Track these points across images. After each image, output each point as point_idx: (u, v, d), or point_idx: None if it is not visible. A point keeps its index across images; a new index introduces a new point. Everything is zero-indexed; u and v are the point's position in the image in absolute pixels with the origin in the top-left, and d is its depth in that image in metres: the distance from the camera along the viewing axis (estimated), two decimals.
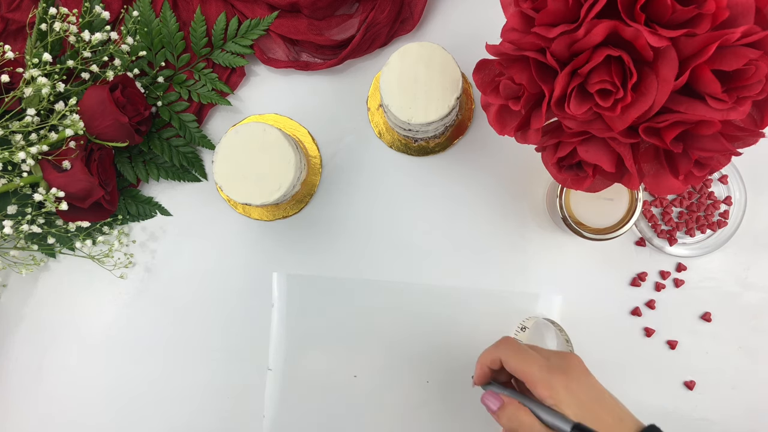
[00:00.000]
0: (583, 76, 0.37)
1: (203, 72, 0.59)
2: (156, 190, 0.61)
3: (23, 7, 0.58)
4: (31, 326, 0.61)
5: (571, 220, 0.53)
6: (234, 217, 0.61)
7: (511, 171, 0.60)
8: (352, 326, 0.59)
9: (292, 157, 0.50)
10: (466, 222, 0.60)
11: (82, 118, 0.53)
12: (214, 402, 0.60)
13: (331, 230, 0.60)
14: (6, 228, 0.51)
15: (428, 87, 0.49)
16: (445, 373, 0.59)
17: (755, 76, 0.35)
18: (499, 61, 0.41)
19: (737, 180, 0.58)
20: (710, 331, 0.59)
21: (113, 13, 0.58)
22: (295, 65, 0.59)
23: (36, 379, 0.61)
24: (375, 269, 0.60)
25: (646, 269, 0.59)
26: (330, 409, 0.59)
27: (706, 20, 0.34)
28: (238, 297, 0.60)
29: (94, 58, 0.56)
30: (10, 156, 0.51)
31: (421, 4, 0.58)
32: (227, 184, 0.50)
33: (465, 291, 0.59)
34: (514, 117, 0.42)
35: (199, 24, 0.58)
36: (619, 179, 0.42)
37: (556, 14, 0.36)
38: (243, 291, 0.60)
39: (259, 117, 0.61)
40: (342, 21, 0.58)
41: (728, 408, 0.58)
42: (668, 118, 0.36)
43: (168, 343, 0.61)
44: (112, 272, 0.60)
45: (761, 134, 0.38)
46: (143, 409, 0.61)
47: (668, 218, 0.59)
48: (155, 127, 0.60)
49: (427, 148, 0.59)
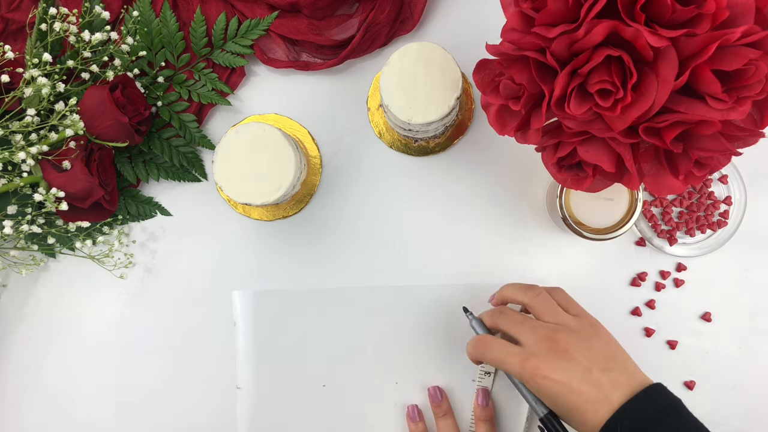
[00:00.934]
0: (583, 76, 0.37)
1: (203, 72, 0.59)
2: (156, 190, 0.61)
3: (23, 7, 0.58)
4: (31, 326, 0.61)
5: (571, 220, 0.53)
6: (234, 217, 0.61)
7: (511, 171, 0.60)
8: (318, 335, 0.59)
9: (292, 157, 0.51)
10: (466, 222, 0.60)
11: (82, 118, 0.53)
12: (215, 401, 0.60)
13: (331, 230, 0.60)
14: (6, 228, 0.51)
15: (428, 87, 0.49)
16: (413, 372, 0.59)
17: (755, 76, 0.35)
18: (499, 61, 0.41)
19: (737, 180, 0.58)
20: (710, 331, 0.59)
21: (113, 13, 0.58)
22: (295, 65, 0.59)
23: (36, 379, 0.61)
24: (375, 269, 0.60)
25: (646, 269, 0.59)
26: (304, 420, 0.59)
27: (706, 20, 0.34)
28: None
29: (94, 58, 0.56)
30: (10, 156, 0.51)
31: (421, 4, 0.58)
32: (227, 184, 0.50)
33: (464, 290, 0.59)
34: (514, 117, 0.42)
35: (199, 24, 0.58)
36: (619, 179, 0.42)
37: (556, 14, 0.36)
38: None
39: (259, 117, 0.61)
40: (342, 21, 0.58)
41: (728, 408, 0.58)
42: (668, 118, 0.36)
43: (168, 343, 0.61)
44: (112, 272, 0.60)
45: (761, 134, 0.38)
46: (143, 409, 0.61)
47: (668, 218, 0.59)
48: (155, 127, 0.60)
49: (427, 148, 0.59)
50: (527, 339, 0.47)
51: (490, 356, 0.48)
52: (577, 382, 0.44)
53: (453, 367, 0.59)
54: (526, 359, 0.45)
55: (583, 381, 0.44)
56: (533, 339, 0.46)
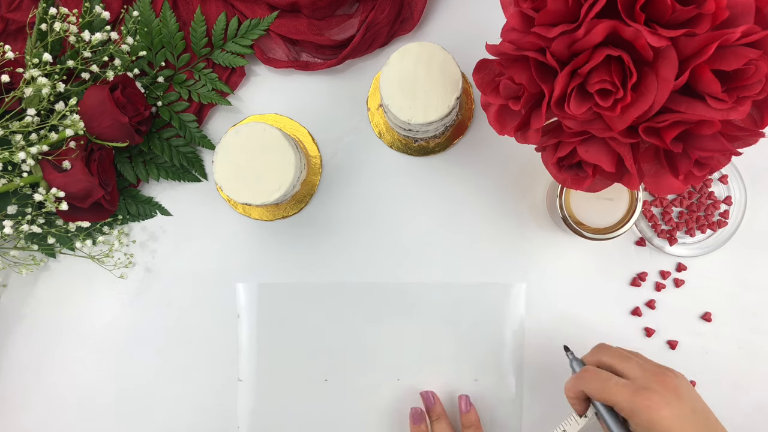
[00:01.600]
0: (583, 76, 0.37)
1: (203, 72, 0.59)
2: (156, 190, 0.61)
3: (23, 7, 0.58)
4: (31, 326, 0.61)
5: (571, 220, 0.53)
6: (234, 217, 0.61)
7: (511, 171, 0.60)
8: (320, 330, 0.60)
9: (292, 157, 0.50)
10: (466, 222, 0.60)
11: (82, 118, 0.53)
12: (216, 396, 0.60)
13: (331, 230, 0.60)
14: (6, 228, 0.51)
15: (428, 87, 0.49)
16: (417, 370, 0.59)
17: (755, 75, 0.35)
18: (499, 61, 0.41)
19: (737, 180, 0.58)
20: (710, 331, 0.59)
21: (113, 13, 0.58)
22: (295, 65, 0.59)
23: (36, 379, 0.61)
24: (375, 268, 0.60)
25: (646, 269, 0.59)
26: (304, 415, 0.59)
27: (706, 20, 0.34)
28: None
29: (94, 58, 0.56)
30: (10, 156, 0.51)
31: (421, 4, 0.58)
32: (227, 184, 0.50)
33: (462, 290, 0.59)
34: (514, 117, 0.42)
35: (199, 24, 0.58)
36: (619, 179, 0.42)
37: (556, 14, 0.36)
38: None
39: (259, 117, 0.61)
40: (342, 21, 0.58)
41: (728, 408, 0.58)
42: (668, 118, 0.36)
43: (168, 342, 0.61)
44: (112, 272, 0.60)
45: (761, 134, 0.38)
46: (143, 408, 0.61)
47: (668, 218, 0.59)
48: (155, 127, 0.60)
49: (427, 148, 0.59)
50: (635, 372, 0.45)
51: (595, 385, 0.45)
52: (688, 423, 0.42)
53: (453, 364, 0.59)
54: (637, 391, 0.43)
55: (693, 422, 0.43)
56: (642, 373, 0.45)
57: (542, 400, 0.59)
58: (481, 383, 0.59)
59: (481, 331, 0.59)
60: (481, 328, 0.59)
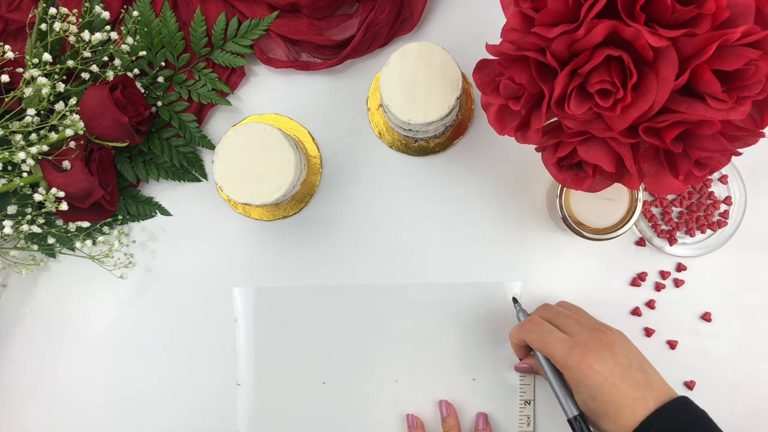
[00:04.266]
0: (583, 76, 0.37)
1: (203, 72, 0.59)
2: (156, 190, 0.61)
3: (23, 7, 0.58)
4: (31, 326, 0.61)
5: (571, 220, 0.53)
6: (234, 217, 0.61)
7: (511, 171, 0.60)
8: (318, 332, 0.60)
9: (292, 157, 0.51)
10: (466, 222, 0.60)
11: (82, 118, 0.53)
12: (215, 398, 0.60)
13: (331, 230, 0.60)
14: (6, 228, 0.51)
15: (428, 87, 0.49)
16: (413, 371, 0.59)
17: (755, 76, 0.35)
18: (499, 61, 0.41)
19: (737, 180, 0.58)
20: (710, 331, 0.59)
21: (113, 13, 0.58)
22: (295, 65, 0.59)
23: (36, 379, 0.61)
24: (375, 268, 0.60)
25: (646, 269, 0.59)
26: (304, 418, 0.59)
27: (706, 20, 0.34)
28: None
29: (94, 58, 0.56)
30: (10, 156, 0.51)
31: (421, 4, 0.58)
32: (227, 184, 0.50)
33: (462, 289, 0.59)
34: (514, 117, 0.42)
35: (199, 24, 0.58)
36: (619, 179, 0.42)
37: (556, 14, 0.36)
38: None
39: (259, 117, 0.61)
40: (342, 21, 0.58)
41: (728, 408, 0.58)
42: (668, 118, 0.36)
43: (168, 343, 0.61)
44: (112, 272, 0.60)
45: (761, 134, 0.38)
46: (143, 408, 0.61)
47: (668, 218, 0.59)
48: (155, 127, 0.60)
49: (427, 148, 0.59)
50: (573, 329, 0.47)
51: (536, 336, 0.48)
52: (619, 378, 0.44)
53: (452, 366, 0.59)
54: (573, 346, 0.46)
55: (624, 378, 0.44)
56: (579, 330, 0.47)
57: (542, 399, 0.59)
58: (480, 382, 0.59)
59: (481, 331, 0.59)
60: (480, 328, 0.59)
